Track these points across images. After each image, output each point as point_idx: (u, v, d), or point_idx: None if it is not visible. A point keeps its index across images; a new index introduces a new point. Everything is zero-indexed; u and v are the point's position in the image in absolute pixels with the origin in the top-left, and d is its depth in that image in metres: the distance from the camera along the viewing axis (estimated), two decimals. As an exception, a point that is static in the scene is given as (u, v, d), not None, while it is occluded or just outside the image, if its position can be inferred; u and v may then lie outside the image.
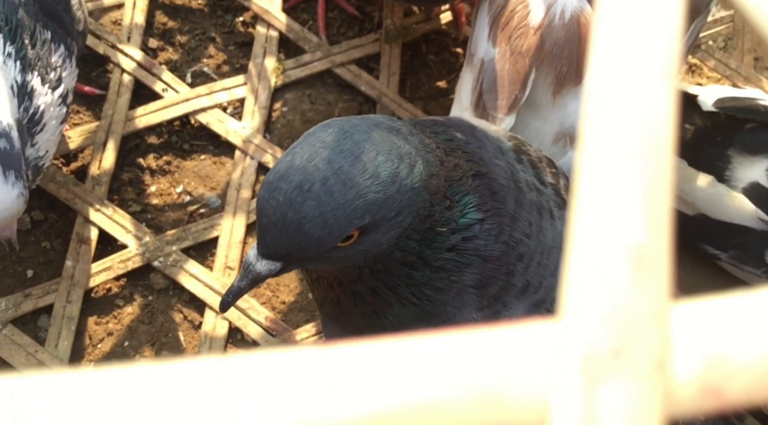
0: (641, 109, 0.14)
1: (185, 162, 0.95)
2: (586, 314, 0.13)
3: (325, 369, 0.13)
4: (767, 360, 0.13)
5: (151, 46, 0.99)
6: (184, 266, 0.89)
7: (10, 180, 0.65)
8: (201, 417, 0.12)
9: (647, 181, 0.14)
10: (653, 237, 0.14)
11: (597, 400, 0.13)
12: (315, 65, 0.99)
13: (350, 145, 0.49)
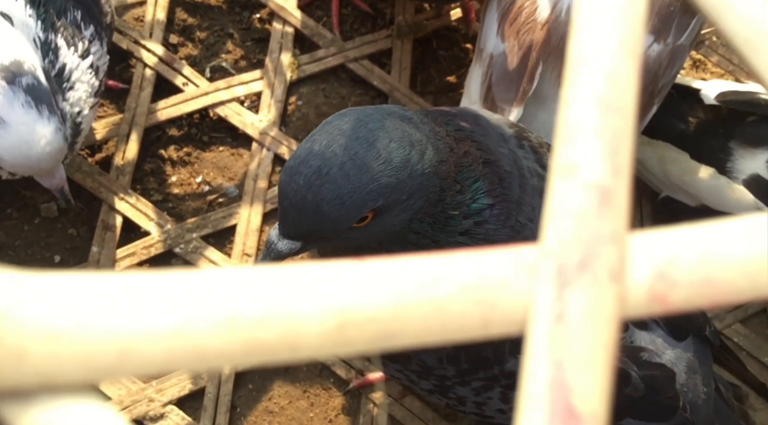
0: (608, 78, 0.18)
1: (204, 153, 1.00)
2: (560, 236, 0.17)
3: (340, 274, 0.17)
4: (703, 274, 0.17)
5: (171, 41, 1.03)
6: (204, 253, 0.94)
7: (44, 114, 0.66)
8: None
9: (611, 134, 0.18)
10: (615, 178, 0.18)
11: (566, 301, 0.17)
12: (329, 60, 1.04)
13: (365, 133, 0.53)
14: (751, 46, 0.19)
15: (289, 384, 0.91)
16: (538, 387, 0.16)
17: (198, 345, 0.15)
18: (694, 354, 0.75)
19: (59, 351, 0.14)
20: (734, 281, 0.17)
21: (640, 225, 1.01)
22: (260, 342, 0.15)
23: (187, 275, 0.16)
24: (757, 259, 0.17)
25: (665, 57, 0.79)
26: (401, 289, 0.16)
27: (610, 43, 0.18)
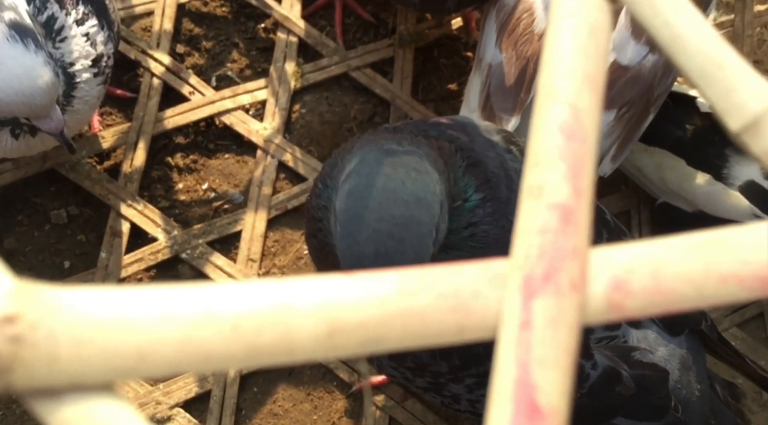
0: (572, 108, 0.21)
1: (210, 160, 1.02)
2: (527, 251, 0.19)
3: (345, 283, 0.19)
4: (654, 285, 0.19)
5: (178, 51, 1.06)
6: (210, 258, 0.96)
7: (30, 47, 0.65)
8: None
9: (574, 159, 0.20)
10: (577, 199, 0.20)
11: (531, 310, 0.19)
12: (332, 69, 1.06)
13: (394, 203, 0.54)
14: (705, 79, 0.21)
15: (293, 388, 0.94)
16: (505, 386, 0.18)
17: (205, 349, 0.17)
18: (688, 350, 0.77)
19: (86, 355, 0.16)
20: (682, 291, 0.19)
21: (638, 231, 1.03)
22: (260, 346, 0.18)
23: (195, 288, 0.18)
24: (703, 271, 0.19)
25: (660, 67, 0.81)
26: (385, 299, 0.19)
27: (574, 77, 0.21)
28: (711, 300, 0.20)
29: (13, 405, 0.91)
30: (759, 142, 0.21)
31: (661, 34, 0.21)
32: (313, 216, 0.64)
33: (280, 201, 1.00)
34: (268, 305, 0.18)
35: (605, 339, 0.75)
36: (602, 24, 0.21)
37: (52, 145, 0.82)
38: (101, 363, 0.16)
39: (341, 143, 1.04)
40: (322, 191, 0.63)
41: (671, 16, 0.21)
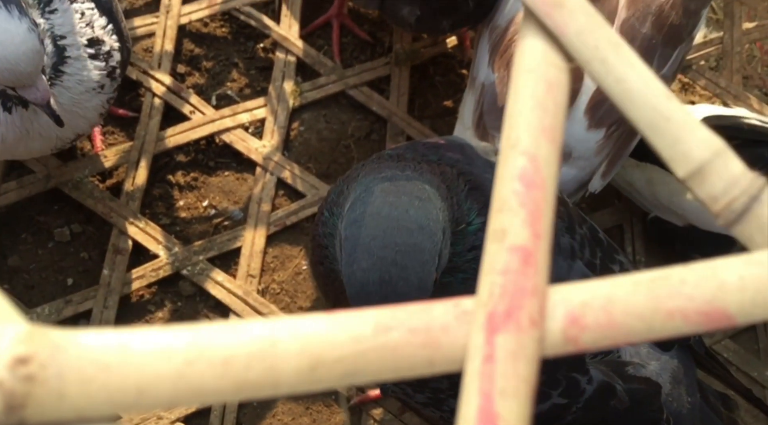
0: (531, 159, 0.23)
1: (210, 178, 1.04)
2: (490, 290, 0.21)
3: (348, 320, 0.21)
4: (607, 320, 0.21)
5: (179, 71, 1.08)
6: (210, 274, 0.98)
7: (14, 13, 0.65)
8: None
9: (533, 206, 0.22)
10: (536, 241, 0.22)
11: (494, 344, 0.21)
12: (330, 87, 1.08)
13: (396, 234, 0.55)
14: (654, 130, 0.23)
15: (292, 402, 0.95)
16: (470, 414, 0.20)
17: (198, 385, 0.19)
18: (678, 363, 0.79)
19: (90, 392, 0.18)
20: (633, 325, 0.21)
21: (632, 244, 1.05)
22: (248, 381, 0.20)
23: (188, 329, 0.20)
24: (651, 307, 0.21)
25: (648, 86, 0.83)
26: (361, 336, 0.21)
27: (534, 129, 0.23)
28: (659, 334, 0.21)
29: None
30: (704, 187, 0.23)
31: (613, 89, 0.23)
32: (320, 243, 0.66)
33: (278, 217, 1.02)
34: (255, 343, 0.20)
35: (600, 355, 0.77)
36: (560, 81, 0.23)
37: (46, 123, 0.78)
38: (104, 398, 0.18)
39: (339, 160, 1.06)
40: (327, 219, 0.64)
41: (622, 73, 0.23)
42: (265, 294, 1.00)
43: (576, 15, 0.23)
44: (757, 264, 0.21)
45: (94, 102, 0.81)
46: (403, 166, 0.62)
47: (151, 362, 0.19)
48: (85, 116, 0.82)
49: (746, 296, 0.21)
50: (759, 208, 0.22)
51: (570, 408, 0.75)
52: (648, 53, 0.82)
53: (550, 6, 0.23)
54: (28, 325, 0.19)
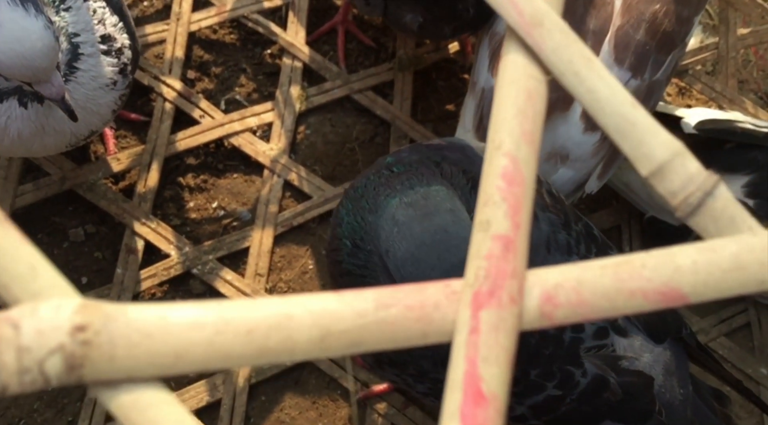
0: (512, 159, 0.26)
1: (220, 180, 1.08)
2: (476, 272, 0.25)
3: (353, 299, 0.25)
4: (577, 298, 0.25)
5: (189, 77, 1.12)
6: (220, 273, 1.02)
7: (30, 11, 0.66)
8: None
9: (514, 200, 0.25)
10: (516, 231, 0.25)
11: (479, 319, 0.24)
12: (335, 92, 1.12)
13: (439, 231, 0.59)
14: (621, 134, 0.27)
15: (299, 396, 0.99)
16: (457, 378, 0.23)
17: (226, 351, 0.23)
18: (671, 356, 0.82)
19: (136, 355, 0.22)
20: (599, 303, 0.25)
21: (629, 243, 1.08)
22: (268, 348, 0.23)
23: (217, 303, 0.23)
24: (615, 287, 0.25)
25: (643, 91, 0.87)
26: (364, 311, 0.24)
27: (515, 134, 0.26)
28: (622, 311, 0.25)
29: (34, 413, 0.96)
30: (664, 184, 0.26)
31: (585, 98, 0.27)
32: (338, 261, 0.69)
33: (285, 218, 1.06)
34: (274, 316, 0.24)
35: (594, 348, 0.80)
36: (538, 91, 0.27)
37: (60, 119, 0.80)
38: (148, 362, 0.22)
39: (344, 162, 1.10)
40: (354, 251, 0.67)
41: (592, 84, 0.27)
42: (272, 292, 1.03)
43: (553, 33, 0.27)
44: (709, 251, 0.25)
45: (107, 98, 0.84)
46: (413, 182, 0.64)
47: (187, 331, 0.22)
48: (99, 112, 0.85)
49: (699, 278, 0.25)
50: (712, 202, 0.26)
51: (564, 400, 0.78)
52: (642, 58, 0.85)
53: (530, 25, 0.27)
54: (83, 299, 0.22)
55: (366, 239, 0.65)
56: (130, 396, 0.22)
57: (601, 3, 0.85)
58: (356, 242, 0.67)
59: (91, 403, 0.96)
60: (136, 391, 0.22)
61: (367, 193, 0.67)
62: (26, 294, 0.22)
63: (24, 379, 0.21)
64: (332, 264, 0.71)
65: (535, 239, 0.70)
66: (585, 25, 0.85)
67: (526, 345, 0.73)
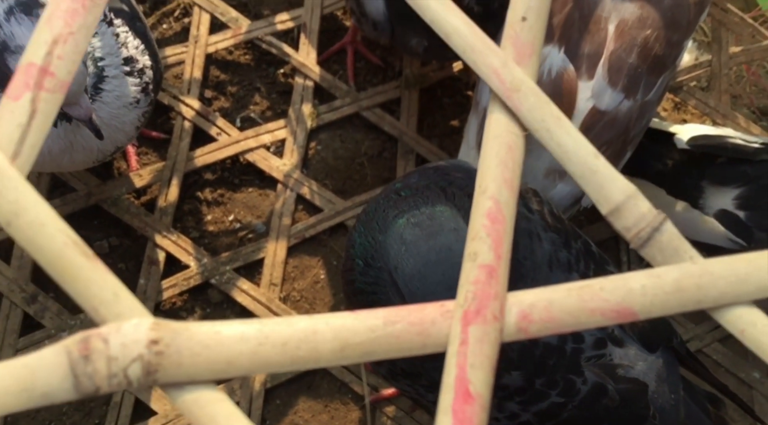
0: (495, 201, 0.32)
1: (236, 194, 1.15)
2: (465, 295, 0.31)
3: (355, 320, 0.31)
4: (547, 316, 0.31)
5: (206, 96, 1.19)
6: (236, 283, 1.09)
7: None
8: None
9: (496, 235, 0.32)
10: (498, 261, 0.31)
11: (467, 332, 0.30)
12: (345, 109, 1.19)
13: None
14: (585, 180, 0.33)
15: (312, 400, 1.05)
16: (450, 380, 0.30)
17: (266, 359, 0.29)
18: (663, 364, 0.87)
19: (197, 363, 0.28)
20: (565, 320, 0.31)
21: (626, 254, 1.14)
22: (298, 357, 0.29)
23: (259, 321, 0.30)
24: (578, 307, 0.31)
25: (635, 111, 0.93)
26: (375, 326, 0.30)
27: (497, 180, 0.32)
28: (585, 326, 0.31)
29: (63, 416, 1.03)
30: (619, 221, 0.32)
31: (555, 150, 0.33)
32: (352, 280, 0.75)
33: (298, 230, 1.13)
34: (303, 331, 0.30)
35: (594, 358, 0.86)
36: (517, 144, 0.33)
37: (87, 136, 0.86)
38: (206, 368, 0.28)
39: (354, 176, 1.17)
40: (365, 269, 0.73)
41: (561, 139, 0.33)
42: (286, 301, 1.10)
43: (528, 97, 0.33)
44: (655, 277, 0.31)
45: (131, 116, 0.91)
46: (420, 205, 0.69)
47: (235, 344, 0.29)
48: (123, 129, 0.91)
49: (647, 299, 0.31)
50: (659, 236, 0.32)
51: (566, 406, 0.84)
52: (634, 81, 0.91)
53: (510, 91, 0.33)
54: (155, 319, 0.29)
55: (376, 257, 0.71)
56: (192, 395, 0.28)
57: (595, 29, 0.91)
58: (368, 261, 0.73)
59: (117, 406, 1.03)
60: (198, 391, 0.28)
61: (377, 215, 0.73)
62: (111, 315, 0.28)
63: (112, 382, 0.27)
64: (346, 283, 0.78)
65: (538, 258, 0.77)
66: (580, 49, 0.91)
67: (531, 356, 0.79)
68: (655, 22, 0.91)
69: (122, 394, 1.02)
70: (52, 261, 0.27)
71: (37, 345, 1.05)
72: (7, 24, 0.78)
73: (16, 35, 0.78)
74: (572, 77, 0.92)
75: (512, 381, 0.80)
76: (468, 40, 0.33)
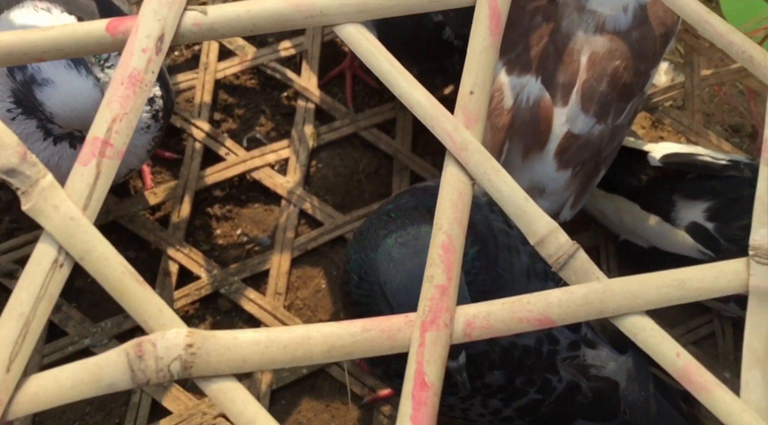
0: (448, 236, 0.43)
1: (243, 210, 1.26)
2: (423, 309, 0.41)
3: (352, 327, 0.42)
4: (487, 324, 0.41)
5: (215, 118, 1.30)
6: (244, 292, 1.19)
7: (82, 73, 0.81)
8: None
9: (448, 263, 0.42)
10: (450, 282, 0.42)
11: (425, 337, 0.41)
12: (344, 130, 1.29)
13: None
14: (518, 218, 0.43)
15: (314, 400, 1.16)
16: (410, 373, 0.40)
17: (272, 358, 0.39)
18: (633, 364, 0.97)
19: (222, 360, 0.38)
20: (500, 327, 0.41)
21: (606, 262, 1.24)
22: (296, 356, 0.40)
23: (266, 330, 0.40)
24: (509, 316, 0.41)
25: (607, 134, 1.03)
26: (354, 333, 0.41)
27: (450, 218, 0.43)
28: (514, 332, 0.41)
29: (86, 416, 1.14)
30: (544, 250, 0.43)
31: (494, 195, 0.43)
32: (348, 292, 0.86)
33: (301, 243, 1.23)
34: (299, 337, 0.40)
35: (568, 359, 0.96)
36: (466, 190, 0.44)
37: None
38: (227, 365, 0.39)
39: (352, 192, 1.27)
40: (359, 283, 0.84)
41: (499, 186, 0.43)
42: (290, 309, 1.20)
43: (474, 154, 0.44)
44: (569, 293, 0.41)
45: (142, 140, 1.00)
46: (408, 224, 0.79)
47: (249, 346, 0.39)
48: (135, 152, 1.01)
49: (562, 309, 0.41)
50: (573, 261, 0.42)
51: (544, 403, 0.94)
52: (605, 107, 1.02)
53: (460, 149, 0.44)
54: (189, 328, 0.39)
55: (369, 272, 0.82)
56: (218, 385, 0.39)
57: (569, 60, 1.02)
58: (361, 275, 0.83)
59: (135, 407, 1.13)
60: (222, 382, 0.39)
61: (369, 234, 0.83)
62: (157, 325, 0.39)
63: (159, 375, 0.38)
64: (344, 295, 0.88)
65: (516, 270, 0.87)
66: (555, 79, 1.02)
67: (511, 358, 0.89)
68: (623, 54, 1.01)
69: (140, 396, 1.13)
70: (114, 286, 0.38)
71: (62, 350, 1.16)
72: None
73: (42, 69, 0.89)
74: (548, 104, 1.02)
75: (495, 380, 0.90)
76: (428, 110, 0.43)
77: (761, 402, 0.41)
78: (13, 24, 0.89)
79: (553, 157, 1.03)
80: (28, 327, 0.38)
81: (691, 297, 0.40)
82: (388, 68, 0.45)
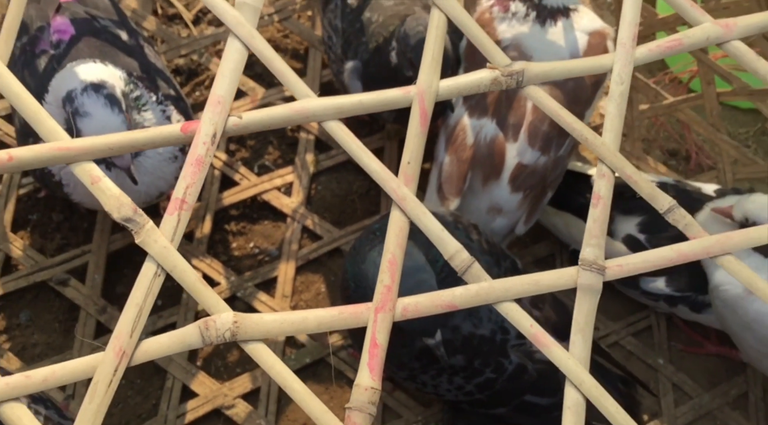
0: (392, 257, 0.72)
1: (254, 226, 1.56)
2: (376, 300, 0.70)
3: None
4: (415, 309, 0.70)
5: (231, 148, 1.60)
6: (256, 296, 1.49)
7: (115, 111, 1.05)
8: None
9: (392, 272, 0.71)
10: (392, 283, 0.70)
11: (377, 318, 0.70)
12: (339, 157, 1.59)
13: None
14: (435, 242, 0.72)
15: (316, 384, 1.45)
16: (368, 340, 0.69)
17: (287, 329, 0.68)
18: None
19: (255, 331, 0.67)
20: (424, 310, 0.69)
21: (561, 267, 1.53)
22: (301, 327, 0.68)
23: (281, 314, 0.69)
24: (431, 304, 0.69)
25: (550, 164, 1.32)
26: (334, 314, 0.69)
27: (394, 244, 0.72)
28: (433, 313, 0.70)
29: (128, 398, 1.44)
30: (453, 262, 0.72)
31: (423, 228, 0.72)
32: (348, 296, 1.16)
33: (304, 254, 1.53)
34: (301, 317, 0.69)
35: (517, 345, 1.25)
36: (405, 227, 0.73)
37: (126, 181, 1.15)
38: (259, 333, 0.68)
39: (347, 211, 1.57)
40: (356, 289, 1.13)
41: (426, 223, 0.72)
42: (295, 309, 1.50)
43: (410, 203, 0.73)
44: (467, 289, 0.70)
45: (170, 168, 1.29)
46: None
47: (271, 322, 0.68)
48: (164, 178, 1.30)
49: (463, 299, 0.69)
50: (471, 269, 0.71)
51: (498, 380, 1.23)
52: (548, 142, 1.31)
53: (401, 200, 0.73)
54: (235, 312, 0.69)
55: (362, 279, 1.11)
56: (254, 346, 0.68)
57: (517, 106, 1.31)
58: (357, 283, 1.13)
59: (169, 391, 1.43)
60: (257, 345, 0.68)
61: (360, 249, 1.13)
62: (215, 310, 0.68)
63: (218, 339, 0.67)
64: (343, 299, 1.18)
65: None
66: (507, 120, 1.31)
67: (471, 344, 1.19)
68: (561, 100, 1.30)
69: (173, 381, 1.43)
70: (190, 286, 0.67)
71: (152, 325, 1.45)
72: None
73: (85, 103, 1.17)
74: (502, 141, 1.32)
75: (457, 361, 1.20)
76: (381, 174, 0.72)
77: (581, 354, 0.70)
78: (78, 76, 1.18)
79: (507, 183, 1.32)
80: (141, 312, 0.67)
81: (542, 291, 0.69)
82: (355, 148, 0.74)
